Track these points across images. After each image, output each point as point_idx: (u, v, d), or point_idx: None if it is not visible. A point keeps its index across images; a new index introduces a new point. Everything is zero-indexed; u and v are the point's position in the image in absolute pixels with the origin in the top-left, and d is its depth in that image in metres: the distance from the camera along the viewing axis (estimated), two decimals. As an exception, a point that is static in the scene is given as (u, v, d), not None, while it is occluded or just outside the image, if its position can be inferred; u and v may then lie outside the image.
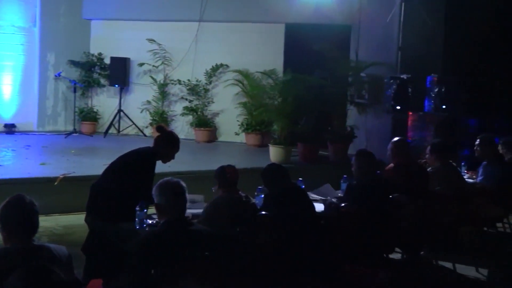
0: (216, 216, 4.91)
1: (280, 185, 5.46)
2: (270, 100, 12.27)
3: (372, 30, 12.49)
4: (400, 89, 11.05)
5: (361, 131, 12.07)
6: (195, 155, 11.50)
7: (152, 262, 3.74)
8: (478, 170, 8.04)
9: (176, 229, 3.97)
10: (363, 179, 6.05)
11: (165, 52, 14.42)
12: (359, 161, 6.18)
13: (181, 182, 4.12)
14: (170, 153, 5.95)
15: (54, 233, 7.69)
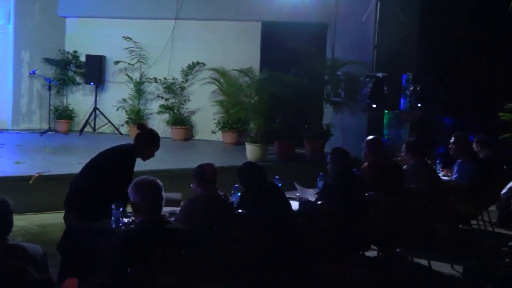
0: (193, 213, 4.90)
1: (256, 183, 5.46)
2: (246, 98, 12.29)
3: (348, 28, 12.54)
4: (376, 87, 11.10)
5: (337, 129, 12.12)
6: (171, 153, 11.46)
7: (128, 260, 3.72)
8: (453, 168, 8.10)
9: (152, 228, 3.95)
10: (338, 177, 6.07)
11: (141, 50, 14.36)
12: (334, 159, 6.20)
13: (157, 181, 4.10)
14: (150, 151, 5.93)
15: (29, 232, 7.62)
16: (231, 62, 13.69)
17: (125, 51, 14.33)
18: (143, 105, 14.57)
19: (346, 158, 6.22)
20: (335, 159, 6.18)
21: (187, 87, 14.35)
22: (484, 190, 7.99)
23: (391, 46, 11.85)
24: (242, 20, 13.94)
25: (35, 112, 14.81)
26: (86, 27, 14.86)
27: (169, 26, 14.09)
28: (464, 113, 15.01)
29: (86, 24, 14.87)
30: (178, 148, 12.80)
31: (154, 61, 14.32)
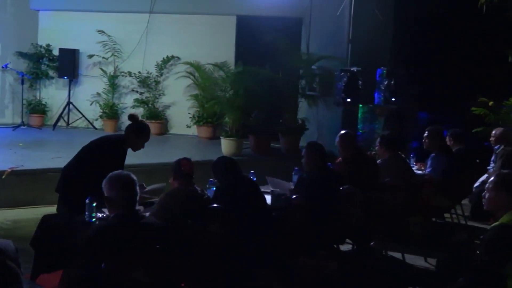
0: (169, 207, 4.89)
1: (231, 177, 5.46)
2: (221, 92, 12.27)
3: (323, 23, 12.57)
4: (350, 82, 11.15)
5: (312, 124, 12.16)
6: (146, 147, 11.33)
7: (102, 255, 3.71)
8: (427, 161, 8.17)
9: (126, 222, 3.93)
10: (313, 171, 6.09)
11: (115, 43, 14.27)
12: (309, 153, 6.22)
13: (132, 175, 4.08)
14: (140, 141, 6.06)
15: (2, 227, 7.56)
16: (206, 56, 13.67)
17: (99, 44, 14.23)
18: (117, 99, 14.48)
19: (321, 153, 6.24)
20: (310, 153, 6.20)
21: (162, 81, 14.30)
22: (457, 183, 8.07)
23: (365, 41, 11.89)
24: (217, 14, 13.92)
25: (7, 107, 14.67)
26: (60, 20, 14.71)
27: (143, 20, 14.01)
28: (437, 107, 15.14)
29: (59, 17, 14.72)
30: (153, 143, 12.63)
31: (129, 55, 14.24)
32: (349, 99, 11.28)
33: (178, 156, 5.56)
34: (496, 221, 4.18)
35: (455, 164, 8.03)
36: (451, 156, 8.13)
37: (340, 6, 11.91)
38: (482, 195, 4.36)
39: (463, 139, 8.88)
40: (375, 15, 11.75)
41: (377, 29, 12.08)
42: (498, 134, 9.20)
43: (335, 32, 12.31)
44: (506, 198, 4.17)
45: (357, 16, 11.95)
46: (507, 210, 4.14)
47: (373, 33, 11.94)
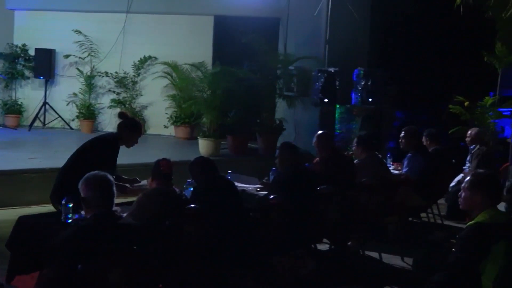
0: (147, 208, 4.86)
1: (208, 178, 5.45)
2: (199, 92, 12.24)
3: (300, 23, 12.60)
4: (327, 82, 11.19)
5: (289, 124, 12.18)
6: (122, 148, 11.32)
7: (79, 256, 3.68)
8: (403, 161, 8.22)
9: (103, 223, 3.91)
10: (287, 171, 6.10)
11: (91, 43, 14.19)
12: (282, 153, 6.23)
13: (108, 176, 4.06)
14: (133, 138, 6.24)
15: (-24, 229, 7.47)
16: (184, 56, 13.64)
17: (75, 44, 14.15)
18: (94, 100, 14.41)
19: (295, 152, 6.25)
20: (283, 154, 6.22)
21: (139, 81, 14.25)
22: (433, 183, 8.13)
23: (342, 41, 11.95)
24: (195, 14, 13.90)
25: (-18, 107, 14.55)
26: (35, 20, 14.60)
27: (120, 20, 13.95)
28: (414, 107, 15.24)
29: (35, 17, 14.62)
30: (130, 143, 12.67)
31: (105, 55, 14.17)
32: (327, 100, 11.32)
33: (156, 156, 5.55)
34: (471, 220, 4.22)
35: (431, 164, 8.09)
36: (427, 156, 8.19)
37: (317, 6, 11.95)
38: (458, 194, 4.40)
39: (439, 139, 8.95)
40: (352, 16, 11.81)
41: (354, 29, 12.14)
42: (473, 135, 9.29)
43: (313, 33, 12.35)
44: (482, 197, 4.20)
45: (334, 16, 12.00)
46: (483, 209, 4.18)
47: (350, 33, 12.00)
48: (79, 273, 3.62)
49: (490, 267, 4.05)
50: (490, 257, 4.03)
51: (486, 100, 10.97)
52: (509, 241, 4.10)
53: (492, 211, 4.17)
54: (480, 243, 4.04)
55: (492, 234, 4.06)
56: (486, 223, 4.09)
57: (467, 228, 4.19)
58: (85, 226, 3.96)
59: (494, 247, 4.04)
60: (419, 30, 14.93)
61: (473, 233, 4.10)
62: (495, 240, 4.05)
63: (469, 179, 4.32)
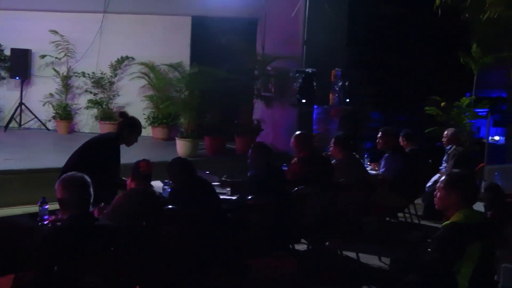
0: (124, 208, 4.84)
1: (186, 178, 5.44)
2: (176, 93, 12.21)
3: (278, 24, 12.62)
4: (305, 83, 11.21)
5: (267, 124, 12.18)
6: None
7: (55, 258, 3.66)
8: (380, 162, 8.26)
9: (80, 224, 3.89)
10: (260, 171, 6.10)
11: (68, 43, 14.09)
12: (254, 153, 6.23)
13: (85, 177, 4.04)
14: (132, 137, 6.35)
15: (-49, 231, 7.37)
16: (161, 57, 13.60)
17: (51, 44, 14.04)
18: (70, 100, 14.30)
19: (267, 153, 6.25)
20: (255, 154, 6.22)
21: (116, 82, 14.18)
22: (410, 183, 8.18)
23: (320, 42, 11.98)
24: (172, 15, 13.86)
25: (-43, 108, 14.38)
26: (11, 19, 14.42)
27: (97, 20, 13.87)
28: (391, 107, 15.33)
29: (11, 16, 14.43)
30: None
31: (82, 55, 14.08)
32: (304, 100, 11.34)
33: (133, 157, 5.53)
34: (447, 220, 4.24)
35: (408, 164, 8.15)
36: (404, 156, 8.24)
37: (295, 7, 11.98)
38: (434, 194, 4.42)
39: (415, 139, 9.01)
40: (330, 17, 11.86)
41: (331, 30, 12.18)
42: (449, 135, 9.37)
43: (290, 33, 12.37)
44: (457, 197, 4.23)
45: (311, 17, 12.03)
46: (458, 209, 4.21)
47: (327, 34, 12.04)
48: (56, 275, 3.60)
49: (466, 267, 4.08)
50: (466, 257, 4.06)
51: (462, 100, 11.05)
52: (484, 241, 4.14)
53: (467, 211, 4.20)
54: (456, 243, 4.07)
55: (467, 235, 4.09)
56: (462, 223, 4.11)
57: (442, 228, 4.21)
58: (62, 228, 3.94)
59: (469, 247, 4.07)
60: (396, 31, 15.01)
61: (449, 233, 4.13)
62: (470, 240, 4.08)
63: (445, 178, 4.35)
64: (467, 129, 10.94)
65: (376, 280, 6.45)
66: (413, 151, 8.70)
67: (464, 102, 11.02)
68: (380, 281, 6.38)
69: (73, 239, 3.79)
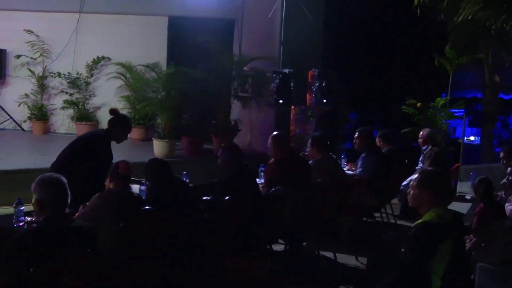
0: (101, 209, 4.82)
1: (163, 179, 5.42)
2: (153, 93, 12.15)
3: (255, 24, 12.62)
4: (282, 83, 11.23)
5: (245, 125, 12.18)
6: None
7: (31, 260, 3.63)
8: (357, 162, 8.29)
9: (56, 226, 3.87)
10: (230, 172, 6.10)
11: (43, 43, 13.98)
12: (224, 154, 6.23)
13: (63, 178, 4.02)
14: (123, 133, 6.49)
15: None
16: (138, 57, 13.52)
17: (27, 44, 13.91)
18: (46, 101, 14.19)
19: (237, 153, 6.26)
20: (226, 155, 6.22)
21: (92, 82, 14.09)
22: (386, 183, 8.23)
23: (297, 42, 12.01)
24: (149, 15, 13.80)
25: None
26: (-15, 19, 14.32)
27: (73, 19, 13.77)
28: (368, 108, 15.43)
29: (-15, 16, 14.33)
30: (83, 145, 12.51)
31: (58, 55, 13.97)
32: (282, 100, 11.36)
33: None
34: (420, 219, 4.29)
35: (385, 164, 8.20)
36: (380, 156, 8.29)
37: (272, 8, 12.00)
38: (407, 191, 4.46)
39: (392, 139, 9.07)
40: (307, 18, 11.89)
41: (308, 31, 12.22)
42: (425, 135, 9.44)
43: (267, 34, 12.38)
44: (429, 195, 4.28)
45: (288, 18, 12.06)
46: (430, 208, 4.25)
47: (304, 35, 12.08)
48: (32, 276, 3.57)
49: (438, 265, 4.13)
50: (438, 255, 4.11)
51: (438, 101, 11.14)
52: (455, 239, 4.19)
53: (440, 210, 4.24)
54: (427, 242, 4.12)
55: (439, 233, 4.14)
56: (433, 222, 4.16)
57: (415, 227, 4.25)
58: (38, 229, 3.91)
59: (442, 245, 4.12)
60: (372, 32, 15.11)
61: (420, 232, 4.17)
62: (442, 239, 4.13)
63: (418, 177, 4.39)
64: (443, 130, 11.03)
65: (353, 280, 6.48)
66: (389, 151, 8.75)
67: (439, 103, 11.10)
68: (357, 281, 6.41)
69: (49, 240, 3.76)
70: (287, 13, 12.01)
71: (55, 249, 3.73)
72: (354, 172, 8.36)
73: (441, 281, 4.12)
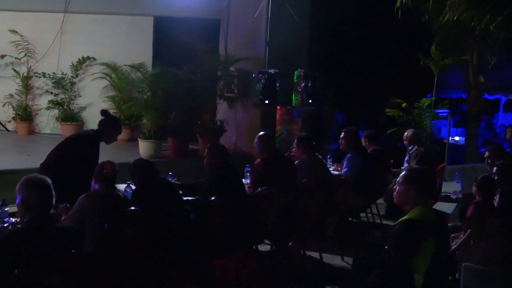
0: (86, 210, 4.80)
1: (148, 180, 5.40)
2: (139, 94, 12.11)
3: (241, 24, 12.61)
4: (268, 84, 11.23)
5: (230, 125, 12.16)
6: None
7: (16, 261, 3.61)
8: (343, 162, 8.31)
9: (41, 227, 3.85)
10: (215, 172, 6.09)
11: (28, 43, 13.89)
12: (210, 154, 6.22)
13: (48, 179, 4.01)
14: (113, 134, 6.60)
15: None
16: (123, 57, 13.48)
17: (11, 44, 13.81)
18: (31, 101, 14.10)
19: (223, 152, 6.25)
20: (210, 155, 6.21)
21: (78, 82, 14.02)
22: (372, 183, 8.25)
23: (283, 43, 12.01)
24: (134, 15, 13.76)
25: None
26: (-31, 19, 14.22)
27: (58, 19, 13.69)
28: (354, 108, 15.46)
29: (-31, 16, 14.23)
30: (68, 145, 12.45)
31: (43, 55, 13.89)
32: (267, 101, 11.36)
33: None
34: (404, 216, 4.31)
35: (370, 165, 8.22)
36: (366, 157, 8.31)
37: (258, 8, 11.99)
38: (393, 188, 4.48)
39: (377, 140, 9.09)
40: (292, 18, 11.89)
41: (294, 31, 12.22)
42: (410, 136, 9.47)
43: (253, 34, 12.38)
44: (415, 192, 4.31)
45: (274, 18, 12.06)
46: (415, 205, 4.28)
47: (290, 35, 12.08)
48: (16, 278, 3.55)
49: (421, 263, 4.15)
50: (421, 253, 4.13)
51: (423, 101, 11.18)
52: (438, 238, 4.22)
53: (424, 208, 4.27)
54: (410, 240, 4.15)
55: (422, 231, 4.16)
56: (417, 220, 4.18)
57: (398, 225, 4.27)
58: (22, 230, 3.89)
59: (424, 243, 4.14)
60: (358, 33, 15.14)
61: (404, 229, 4.19)
62: (425, 237, 4.15)
63: (404, 173, 4.43)
64: (428, 130, 11.07)
65: (339, 280, 6.49)
66: (375, 151, 8.78)
67: (424, 103, 11.14)
68: (343, 281, 6.42)
69: (33, 241, 3.74)
70: (273, 14, 12.01)
71: (40, 250, 3.71)
72: (340, 172, 8.38)
73: (424, 278, 4.14)
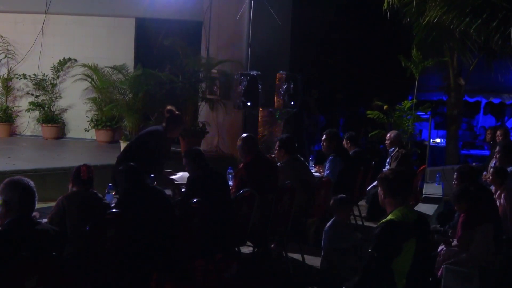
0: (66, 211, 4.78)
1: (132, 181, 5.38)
2: (120, 95, 12.10)
3: (222, 26, 12.61)
4: (250, 86, 11.21)
5: (212, 127, 12.17)
6: (41, 152, 11.10)
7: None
8: (325, 164, 8.33)
9: (21, 228, 3.84)
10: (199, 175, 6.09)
11: (8, 45, 13.82)
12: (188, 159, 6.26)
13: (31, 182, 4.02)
14: (177, 130, 7.38)
15: None
16: (104, 59, 13.44)
17: (-9, 46, 13.76)
18: (11, 103, 14.03)
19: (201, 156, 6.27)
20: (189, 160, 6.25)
21: (59, 84, 13.96)
22: (353, 185, 8.29)
23: (264, 45, 12.03)
24: (115, 16, 13.73)
25: None
26: (-51, 20, 14.09)
27: (38, 20, 13.64)
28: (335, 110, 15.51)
29: None
30: (49, 147, 12.40)
31: (23, 56, 13.82)
32: (249, 103, 11.35)
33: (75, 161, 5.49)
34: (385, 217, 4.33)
35: (352, 166, 8.25)
36: (347, 159, 8.33)
37: (239, 10, 12.00)
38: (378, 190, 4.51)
39: (359, 142, 9.13)
40: (274, 20, 11.91)
41: (276, 33, 12.24)
42: (392, 137, 9.53)
43: (235, 36, 12.38)
44: (383, 193, 4.36)
45: (256, 20, 12.07)
46: (394, 206, 4.31)
47: (272, 37, 12.09)
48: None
49: (403, 264, 4.18)
50: (403, 253, 4.16)
51: (404, 103, 11.24)
52: (419, 239, 4.25)
53: (404, 209, 4.31)
54: (392, 240, 4.17)
55: (403, 232, 4.19)
56: (398, 221, 4.21)
57: (379, 226, 4.30)
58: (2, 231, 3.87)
59: (405, 244, 4.17)
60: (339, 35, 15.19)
61: (385, 230, 4.22)
62: (406, 237, 4.18)
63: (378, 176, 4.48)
64: (409, 132, 11.13)
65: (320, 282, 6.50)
66: (356, 153, 8.81)
67: (406, 105, 11.20)
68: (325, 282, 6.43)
69: (13, 242, 3.73)
70: (255, 16, 12.02)
71: (20, 251, 3.69)
72: (322, 174, 8.39)
73: (405, 279, 4.17)
